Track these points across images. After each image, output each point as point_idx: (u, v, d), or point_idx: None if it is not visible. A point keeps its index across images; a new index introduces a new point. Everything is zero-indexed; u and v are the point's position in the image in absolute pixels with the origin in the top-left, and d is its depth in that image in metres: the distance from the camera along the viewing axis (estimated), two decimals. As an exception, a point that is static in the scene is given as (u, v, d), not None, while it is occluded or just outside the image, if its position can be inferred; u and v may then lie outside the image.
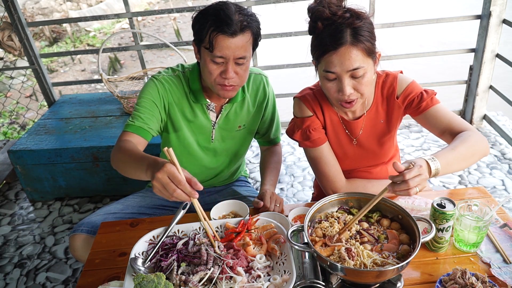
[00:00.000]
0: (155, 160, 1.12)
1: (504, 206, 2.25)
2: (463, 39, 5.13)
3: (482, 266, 1.15)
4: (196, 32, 1.39)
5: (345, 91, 1.25)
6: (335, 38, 1.21)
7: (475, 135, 1.26)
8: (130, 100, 2.80)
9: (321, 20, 1.24)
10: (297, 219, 1.33)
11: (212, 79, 1.40)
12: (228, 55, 1.35)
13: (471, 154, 1.24)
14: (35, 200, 2.75)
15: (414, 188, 1.04)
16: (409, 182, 1.03)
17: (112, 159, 1.39)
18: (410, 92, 1.39)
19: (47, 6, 8.23)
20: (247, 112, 1.64)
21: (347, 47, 1.21)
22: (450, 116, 1.34)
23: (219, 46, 1.33)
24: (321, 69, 1.28)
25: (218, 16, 1.31)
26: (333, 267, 1.01)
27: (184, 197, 1.03)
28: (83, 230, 1.52)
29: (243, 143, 1.72)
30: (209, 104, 1.57)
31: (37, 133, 2.71)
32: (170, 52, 6.78)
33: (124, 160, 1.31)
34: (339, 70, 1.23)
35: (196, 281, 1.02)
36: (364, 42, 1.22)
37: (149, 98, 1.48)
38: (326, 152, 1.47)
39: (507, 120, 3.16)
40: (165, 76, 1.52)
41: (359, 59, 1.22)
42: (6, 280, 2.16)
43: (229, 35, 1.31)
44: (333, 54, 1.22)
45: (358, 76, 1.24)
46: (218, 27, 1.31)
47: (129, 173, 1.30)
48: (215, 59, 1.36)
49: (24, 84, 5.01)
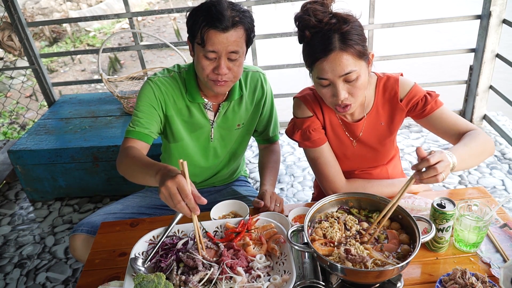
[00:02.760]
0: (167, 167, 1.13)
1: (504, 206, 2.25)
2: (463, 39, 5.13)
3: (482, 266, 1.15)
4: (189, 28, 1.40)
5: (339, 96, 1.25)
6: (324, 45, 1.21)
7: (483, 134, 1.30)
8: (130, 100, 2.80)
9: (308, 28, 1.24)
10: (297, 219, 1.33)
11: (204, 74, 1.41)
12: (220, 49, 1.35)
13: (482, 151, 1.27)
14: (35, 200, 2.75)
15: (441, 174, 1.05)
16: (437, 167, 1.04)
17: (119, 166, 1.41)
18: (414, 95, 1.39)
19: (47, 6, 8.22)
20: (245, 110, 1.64)
21: (336, 53, 1.20)
22: (455, 118, 1.36)
23: (210, 41, 1.33)
24: (314, 76, 1.28)
25: (210, 12, 1.33)
26: (333, 267, 1.01)
27: (186, 211, 1.06)
28: (83, 230, 1.52)
29: (241, 141, 1.72)
30: (206, 103, 1.56)
31: (37, 133, 2.71)
32: (170, 52, 6.78)
33: (132, 166, 1.33)
34: (331, 76, 1.23)
35: (196, 281, 1.02)
36: (354, 46, 1.21)
37: (146, 102, 1.50)
38: (326, 152, 1.47)
39: (507, 120, 3.16)
40: (161, 77, 1.52)
41: (351, 63, 1.22)
42: (6, 280, 2.16)
43: (220, 30, 1.32)
44: (324, 61, 1.22)
45: (352, 80, 1.24)
46: (209, 22, 1.32)
47: (137, 178, 1.33)
48: (207, 54, 1.36)
49: (24, 84, 5.01)
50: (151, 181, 1.19)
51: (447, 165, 1.08)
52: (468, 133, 1.30)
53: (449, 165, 1.09)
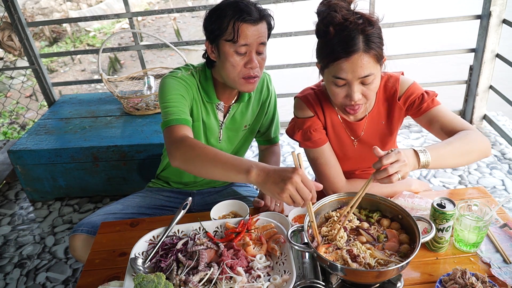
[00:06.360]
0: (258, 164, 1.08)
1: (504, 206, 2.25)
2: (463, 39, 5.13)
3: (482, 266, 1.15)
4: (213, 28, 1.38)
5: (354, 97, 1.24)
6: (348, 45, 1.18)
7: (474, 134, 1.26)
8: (130, 100, 2.80)
9: (333, 25, 1.20)
10: (297, 219, 1.33)
11: (236, 72, 1.39)
12: (252, 42, 1.36)
13: (468, 151, 1.23)
14: (35, 200, 2.75)
15: (395, 174, 1.04)
16: (388, 168, 1.03)
17: (178, 157, 1.23)
18: (411, 93, 1.39)
19: (47, 6, 8.23)
20: (251, 112, 1.64)
21: (360, 54, 1.18)
22: (451, 117, 1.34)
23: (243, 34, 1.34)
24: (330, 74, 1.25)
25: (238, 7, 1.34)
26: (333, 267, 1.01)
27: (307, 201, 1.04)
28: (83, 230, 1.52)
29: (245, 142, 1.73)
30: (219, 104, 1.56)
31: (37, 133, 2.71)
32: (170, 52, 6.78)
33: (203, 158, 1.18)
34: (350, 77, 1.22)
35: (196, 281, 1.02)
36: (376, 49, 1.20)
37: (176, 93, 1.42)
38: (327, 152, 1.47)
39: (507, 120, 3.16)
40: (184, 74, 1.49)
41: (370, 66, 1.20)
42: (6, 280, 2.16)
43: (252, 22, 1.34)
44: (345, 61, 1.20)
45: (368, 83, 1.23)
46: (240, 16, 1.32)
47: (210, 171, 1.18)
48: (239, 49, 1.36)
49: (24, 84, 5.01)
50: (237, 178, 1.11)
51: (402, 165, 1.05)
52: (458, 132, 1.27)
53: (405, 165, 1.06)
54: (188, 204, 1.27)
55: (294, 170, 1.02)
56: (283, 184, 1.01)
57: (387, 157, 1.04)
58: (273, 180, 1.04)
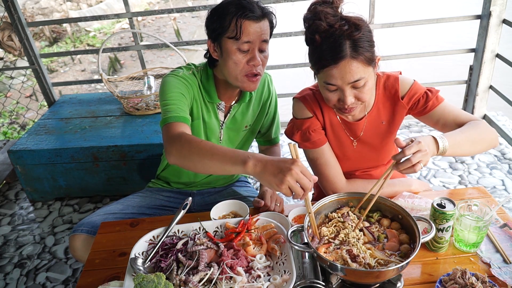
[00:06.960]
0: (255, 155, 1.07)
1: (504, 206, 2.25)
2: (463, 39, 5.13)
3: (482, 266, 1.15)
4: (215, 26, 1.38)
5: (346, 102, 1.25)
6: (335, 52, 1.18)
7: (484, 124, 1.31)
8: (130, 100, 2.80)
9: (318, 33, 1.20)
10: (297, 219, 1.33)
11: (238, 69, 1.39)
12: (255, 39, 1.36)
13: (480, 139, 1.27)
14: (35, 200, 2.75)
15: (418, 164, 1.07)
16: (411, 158, 1.06)
17: (174, 154, 1.22)
18: (414, 92, 1.40)
19: (47, 6, 8.23)
20: (252, 112, 1.64)
21: (347, 60, 1.18)
22: (457, 112, 1.37)
23: (246, 31, 1.34)
24: (321, 80, 1.27)
25: (241, 4, 1.34)
26: (333, 267, 1.01)
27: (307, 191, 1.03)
28: (83, 230, 1.52)
29: (245, 142, 1.73)
30: (220, 103, 1.56)
31: (37, 133, 2.71)
32: (170, 52, 6.78)
33: (200, 153, 1.16)
34: (340, 83, 1.22)
35: (196, 281, 1.02)
36: (364, 53, 1.20)
37: (176, 91, 1.42)
38: (326, 153, 1.47)
39: (507, 120, 3.16)
40: (185, 73, 1.49)
41: (360, 71, 1.20)
42: (6, 280, 2.16)
43: (255, 19, 1.34)
44: (333, 68, 1.20)
45: (359, 86, 1.24)
46: (243, 13, 1.33)
47: (207, 165, 1.15)
48: (241, 46, 1.36)
49: (24, 84, 5.01)
50: (234, 170, 1.09)
51: (424, 154, 1.08)
52: (468, 122, 1.31)
53: (427, 154, 1.09)
54: (188, 204, 1.27)
55: (294, 161, 1.01)
56: (282, 176, 1.00)
57: (409, 148, 1.06)
58: (272, 171, 1.02)
